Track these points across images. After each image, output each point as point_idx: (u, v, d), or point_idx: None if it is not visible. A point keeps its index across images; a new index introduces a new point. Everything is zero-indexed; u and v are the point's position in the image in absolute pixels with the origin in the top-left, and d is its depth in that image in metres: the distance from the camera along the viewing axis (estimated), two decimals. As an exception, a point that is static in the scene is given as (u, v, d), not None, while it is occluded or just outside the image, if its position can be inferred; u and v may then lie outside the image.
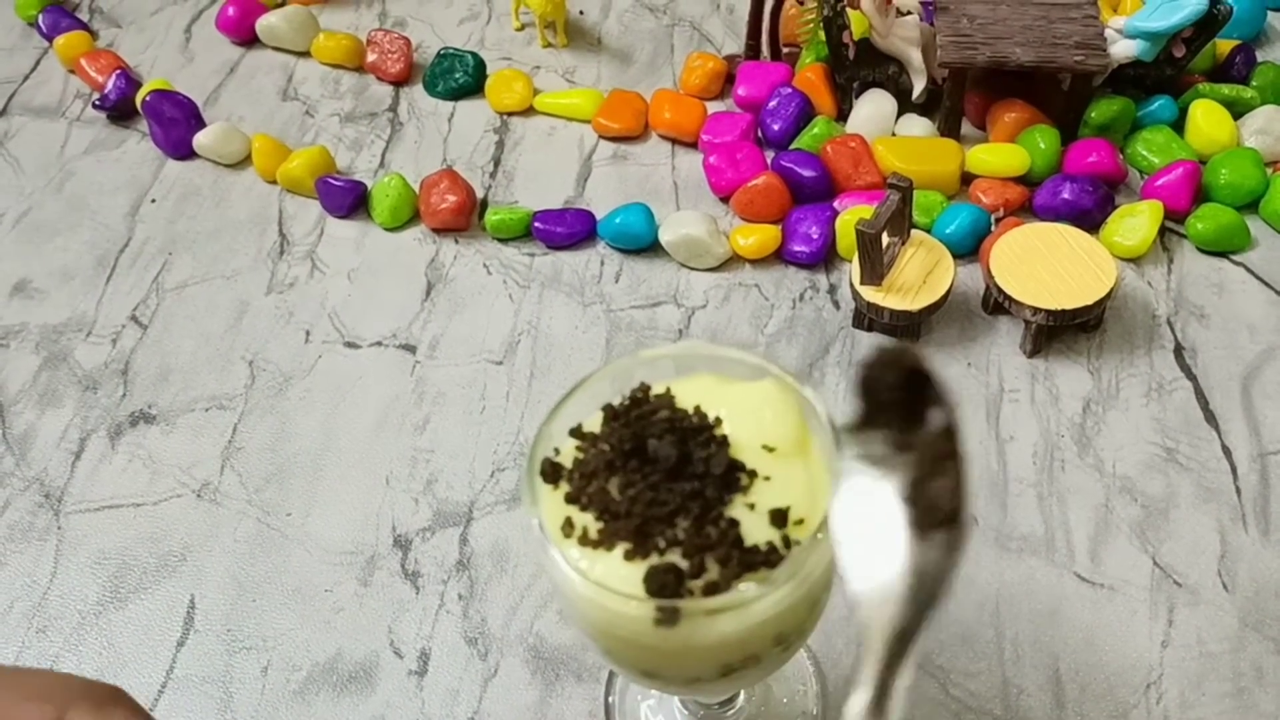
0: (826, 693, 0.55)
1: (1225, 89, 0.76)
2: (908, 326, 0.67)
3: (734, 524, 0.39)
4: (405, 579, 0.61)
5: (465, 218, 0.76)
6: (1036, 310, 0.64)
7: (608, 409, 0.42)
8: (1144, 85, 0.76)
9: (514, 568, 0.61)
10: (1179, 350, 0.66)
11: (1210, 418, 0.63)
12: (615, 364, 0.44)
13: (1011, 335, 0.68)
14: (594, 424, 0.42)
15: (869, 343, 0.68)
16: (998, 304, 0.67)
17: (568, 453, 0.42)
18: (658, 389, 0.43)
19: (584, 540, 0.39)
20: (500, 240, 0.76)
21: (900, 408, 0.35)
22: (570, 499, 0.40)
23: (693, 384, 0.43)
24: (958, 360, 0.67)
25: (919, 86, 0.77)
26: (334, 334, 0.72)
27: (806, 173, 0.73)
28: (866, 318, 0.67)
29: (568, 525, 0.40)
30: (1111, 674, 0.54)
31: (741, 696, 0.54)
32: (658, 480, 0.39)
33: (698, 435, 0.41)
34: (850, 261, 0.70)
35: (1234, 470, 0.61)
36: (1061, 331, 0.67)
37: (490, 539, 0.62)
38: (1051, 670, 0.55)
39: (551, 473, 0.41)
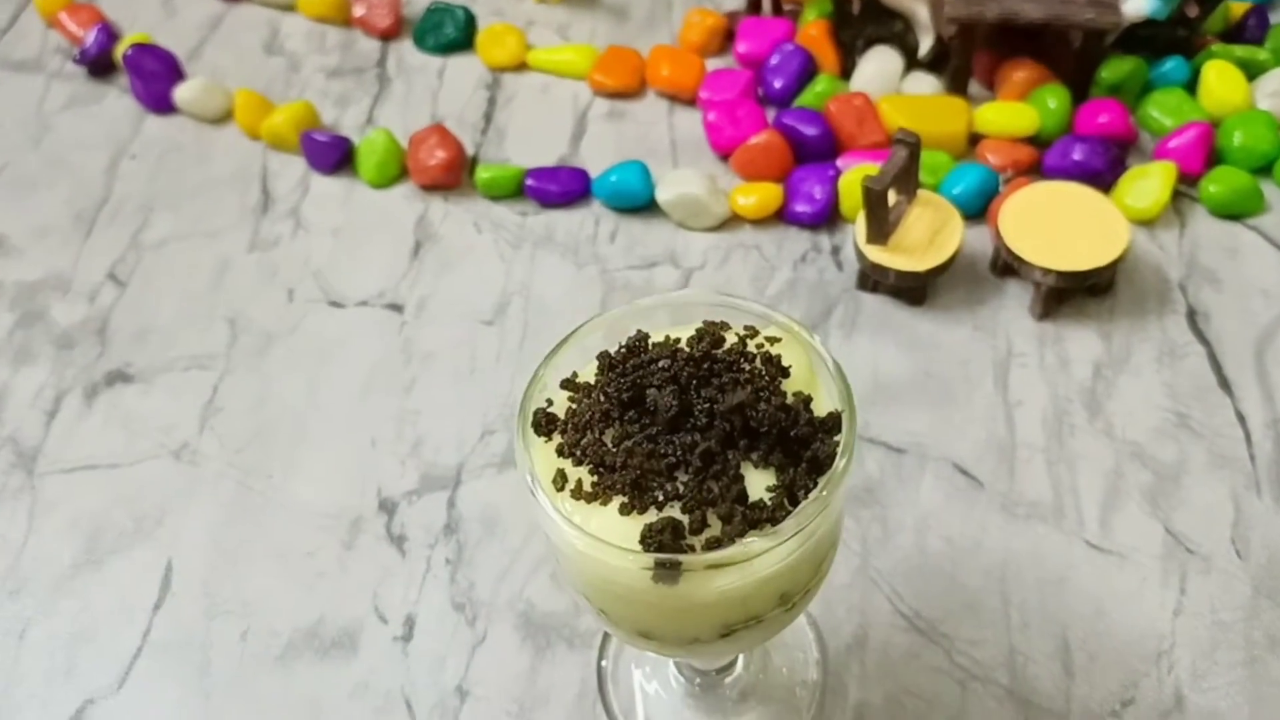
0: (828, 660, 0.53)
1: (1239, 50, 0.74)
2: (913, 288, 0.65)
3: (738, 478, 0.36)
4: (391, 543, 0.59)
5: (455, 175, 0.73)
6: (1047, 271, 0.62)
7: (603, 358, 0.40)
8: (1156, 46, 0.74)
9: (504, 532, 0.59)
10: (1192, 315, 0.64)
11: (1224, 383, 0.61)
12: (611, 313, 0.41)
13: (1020, 299, 0.65)
14: (589, 376, 0.40)
15: (872, 305, 0.66)
16: (1006, 266, 0.65)
17: (560, 404, 0.40)
18: (656, 338, 0.41)
19: (578, 494, 0.37)
20: (491, 199, 0.74)
21: None
22: (563, 452, 0.38)
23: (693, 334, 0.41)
24: (964, 324, 0.65)
25: (926, 44, 0.75)
26: (318, 293, 0.70)
27: (809, 131, 0.71)
28: (871, 279, 0.65)
29: (560, 478, 0.37)
30: (1122, 643, 0.53)
31: (740, 664, 0.52)
32: (656, 432, 0.37)
33: (700, 387, 0.38)
34: (854, 222, 0.68)
35: (1248, 437, 0.59)
36: (1072, 295, 0.65)
37: (479, 503, 0.60)
38: (1060, 639, 0.53)
39: (545, 424, 0.39)
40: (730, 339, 0.40)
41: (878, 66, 0.75)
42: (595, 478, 0.37)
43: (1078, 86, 0.72)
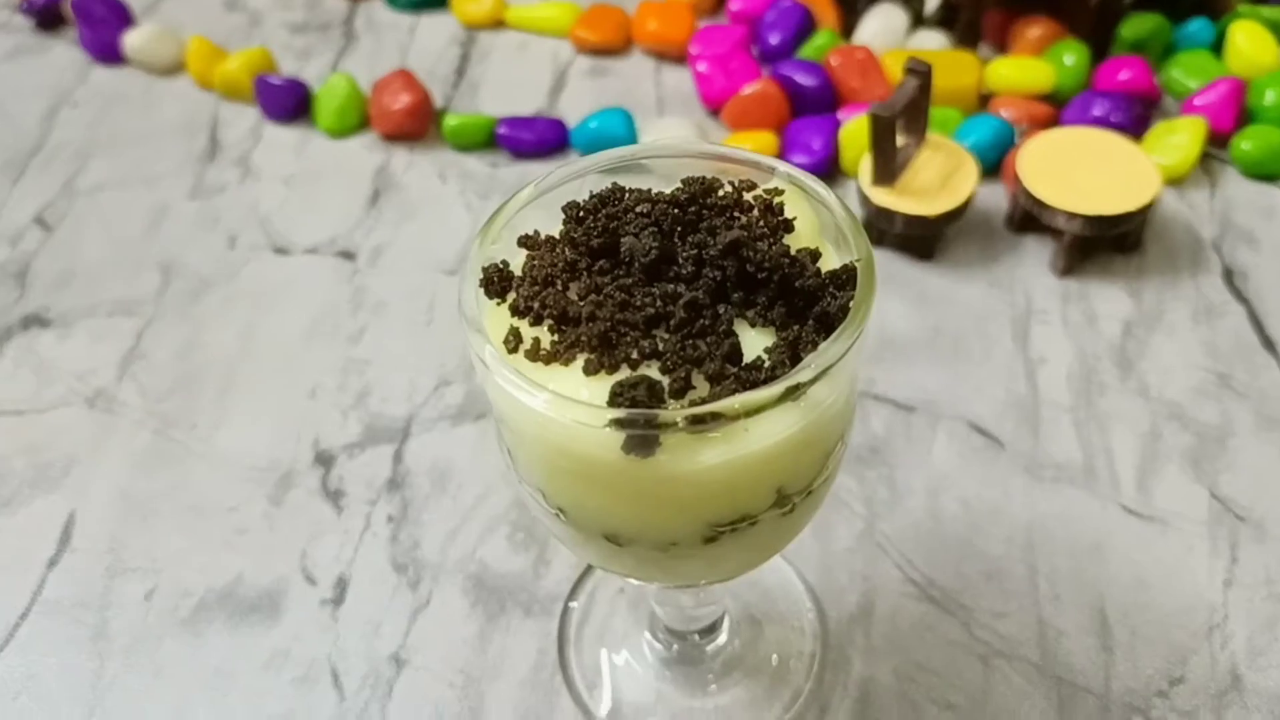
0: (827, 631, 0.45)
1: (1267, 10, 0.69)
2: (922, 238, 0.58)
3: (730, 334, 0.30)
4: (325, 498, 0.51)
5: (420, 122, 0.67)
6: (1072, 217, 0.56)
7: (571, 208, 0.33)
8: (1177, 6, 0.69)
9: (456, 488, 0.51)
10: (1228, 274, 0.58)
11: (1267, 343, 0.55)
12: (578, 163, 0.35)
13: (1039, 255, 0.59)
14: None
15: (877, 259, 0.59)
16: (1025, 218, 0.59)
17: (518, 266, 0.33)
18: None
19: (534, 354, 0.30)
20: (459, 149, 0.67)
21: None
22: (519, 309, 0.31)
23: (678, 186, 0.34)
24: (978, 280, 0.58)
25: (932, 1, 0.70)
26: (262, 240, 0.63)
27: (807, 81, 0.65)
28: (876, 229, 0.59)
29: (513, 338, 0.31)
30: (1167, 615, 0.45)
31: (725, 630, 0.45)
32: (632, 283, 0.31)
33: (686, 233, 0.32)
34: (855, 176, 0.61)
35: (1299, 399, 0.53)
36: (1096, 248, 0.58)
37: (429, 456, 0.52)
38: (1096, 611, 0.46)
39: (498, 282, 0.32)
40: (724, 190, 0.33)
41: (882, 23, 0.70)
42: (556, 336, 0.30)
43: (1096, 45, 0.67)
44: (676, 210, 0.32)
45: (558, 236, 0.33)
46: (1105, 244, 0.58)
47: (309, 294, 0.60)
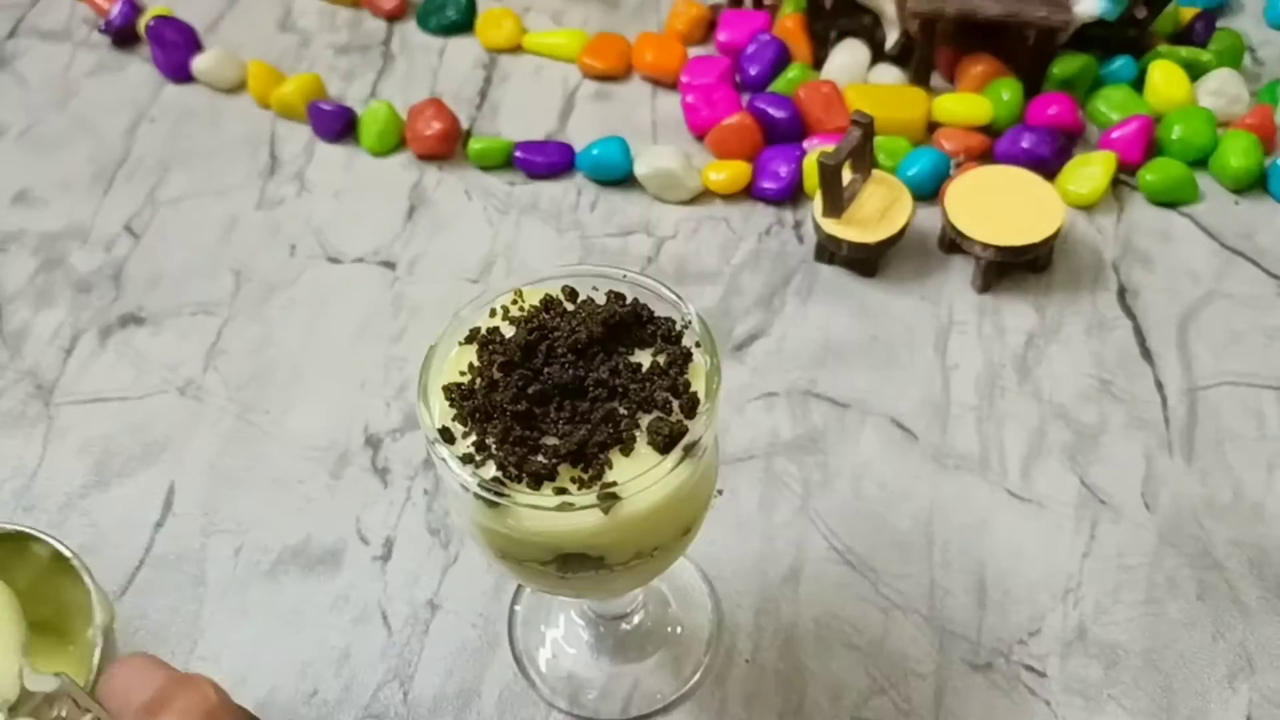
0: (718, 601, 0.58)
1: (1184, 51, 0.79)
2: (865, 259, 0.70)
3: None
4: (375, 474, 0.64)
5: (449, 145, 0.79)
6: (986, 246, 0.67)
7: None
8: (1107, 45, 0.79)
9: (478, 468, 0.64)
10: (1122, 292, 0.69)
11: (1146, 354, 0.66)
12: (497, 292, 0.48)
13: (964, 273, 0.71)
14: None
15: (828, 275, 0.71)
16: (953, 242, 0.70)
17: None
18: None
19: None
20: (482, 169, 0.79)
21: None
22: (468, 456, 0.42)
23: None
24: (911, 294, 0.70)
25: (892, 37, 0.80)
26: (318, 249, 0.75)
27: (779, 114, 0.76)
28: (828, 251, 0.70)
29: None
30: (1033, 581, 0.58)
31: (640, 612, 0.58)
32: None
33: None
34: (815, 199, 0.73)
35: (1164, 402, 0.64)
36: (1011, 270, 0.70)
37: (457, 441, 0.65)
38: (977, 576, 0.58)
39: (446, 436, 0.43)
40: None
41: (847, 57, 0.80)
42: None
43: (1031, 81, 0.78)
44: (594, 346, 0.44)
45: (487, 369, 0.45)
46: (1019, 265, 0.70)
47: (358, 298, 0.72)
